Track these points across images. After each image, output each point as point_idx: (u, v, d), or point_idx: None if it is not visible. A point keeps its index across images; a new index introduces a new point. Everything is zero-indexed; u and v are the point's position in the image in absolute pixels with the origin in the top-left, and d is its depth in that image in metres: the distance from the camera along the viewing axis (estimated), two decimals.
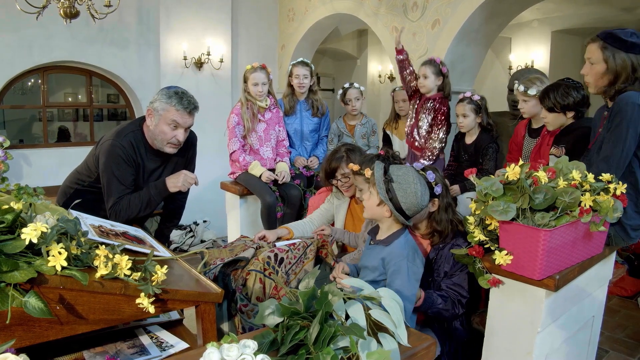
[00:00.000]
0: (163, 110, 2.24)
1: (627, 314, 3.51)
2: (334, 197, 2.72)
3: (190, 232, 5.40)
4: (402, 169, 1.81)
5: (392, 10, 4.40)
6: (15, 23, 4.37)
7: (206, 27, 5.38)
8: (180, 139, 2.31)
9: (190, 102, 2.28)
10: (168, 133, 2.27)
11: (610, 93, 1.96)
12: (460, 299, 1.98)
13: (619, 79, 1.92)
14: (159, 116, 2.25)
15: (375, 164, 1.85)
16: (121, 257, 1.29)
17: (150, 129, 2.30)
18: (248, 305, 2.02)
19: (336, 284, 1.49)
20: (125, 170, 2.27)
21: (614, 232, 1.94)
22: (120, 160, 2.25)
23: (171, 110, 2.23)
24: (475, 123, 3.04)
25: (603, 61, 1.93)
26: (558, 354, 1.88)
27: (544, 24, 6.55)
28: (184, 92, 2.28)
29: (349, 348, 1.02)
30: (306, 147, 3.69)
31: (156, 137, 2.30)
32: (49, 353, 1.47)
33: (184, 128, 2.30)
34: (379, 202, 1.80)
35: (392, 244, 1.80)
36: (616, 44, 1.91)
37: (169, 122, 2.25)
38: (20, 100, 5.93)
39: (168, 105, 2.23)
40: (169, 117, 2.24)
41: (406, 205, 1.76)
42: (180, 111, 2.24)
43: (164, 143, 2.30)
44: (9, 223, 1.16)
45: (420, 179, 1.82)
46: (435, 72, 3.18)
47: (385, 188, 1.77)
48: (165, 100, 2.24)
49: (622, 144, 1.86)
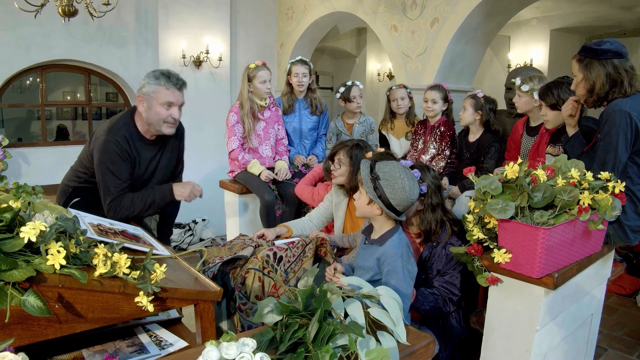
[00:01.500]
0: (154, 92, 2.26)
1: (626, 312, 3.52)
2: (333, 195, 2.72)
3: (189, 230, 5.40)
4: (388, 165, 1.79)
5: (391, 9, 4.40)
6: (13, 21, 4.36)
7: (205, 26, 5.38)
8: (176, 117, 2.33)
9: (178, 79, 2.31)
10: (163, 113, 2.29)
11: (596, 104, 2.04)
12: (451, 297, 1.99)
13: (595, 87, 1.99)
14: (151, 99, 2.27)
15: (362, 162, 1.84)
16: (120, 255, 1.29)
17: (144, 115, 2.31)
18: (247, 303, 2.02)
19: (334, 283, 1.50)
20: (121, 165, 2.28)
21: (613, 231, 1.94)
22: (115, 155, 2.26)
23: (162, 90, 2.26)
24: (473, 119, 3.06)
25: (580, 72, 2.02)
26: (556, 352, 1.88)
27: (542, 22, 6.55)
28: (169, 71, 2.32)
29: (347, 346, 1.02)
30: (305, 146, 3.68)
31: (152, 120, 2.31)
32: (47, 352, 1.47)
33: (177, 106, 2.32)
34: (369, 201, 1.79)
35: (386, 243, 1.80)
36: (589, 54, 1.99)
37: (162, 103, 2.27)
38: (18, 98, 5.92)
39: (157, 86, 2.25)
40: (161, 98, 2.26)
41: (395, 201, 1.75)
42: (171, 89, 2.27)
43: (161, 124, 2.31)
44: (7, 222, 1.16)
45: (407, 173, 1.80)
46: (443, 98, 3.28)
47: (372, 186, 1.76)
48: (154, 82, 2.26)
49: (614, 151, 1.91)
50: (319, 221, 2.73)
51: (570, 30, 6.64)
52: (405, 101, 3.55)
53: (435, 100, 3.27)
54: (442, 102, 3.28)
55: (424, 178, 2.02)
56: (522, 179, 1.62)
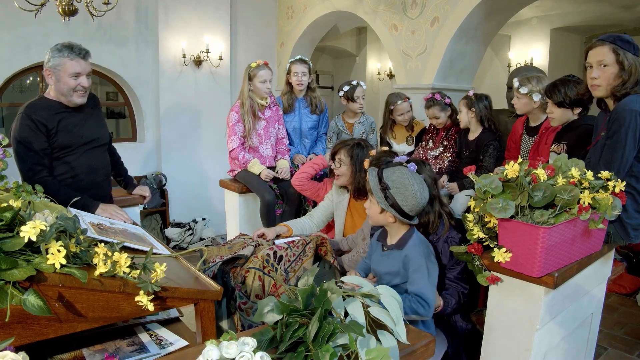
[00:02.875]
0: (59, 65, 2.29)
1: (626, 312, 3.52)
2: (333, 194, 2.72)
3: (189, 229, 5.40)
4: (396, 172, 1.81)
5: (391, 8, 4.40)
6: (13, 21, 4.35)
7: (205, 25, 5.38)
8: (85, 85, 2.36)
9: (81, 49, 2.34)
10: (72, 82, 2.32)
11: (622, 92, 1.98)
12: (463, 291, 2.02)
13: (630, 78, 1.95)
14: (58, 72, 2.30)
15: (369, 171, 1.86)
16: (120, 254, 1.29)
17: (54, 87, 2.34)
18: (247, 302, 2.02)
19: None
20: (33, 137, 2.28)
21: (614, 230, 1.94)
22: (25, 128, 2.28)
23: (66, 62, 2.28)
24: (469, 117, 3.07)
25: (617, 63, 1.96)
26: (557, 351, 1.88)
27: (543, 21, 6.54)
28: (70, 43, 2.34)
29: (347, 345, 1.02)
30: (305, 145, 3.68)
31: (62, 91, 2.34)
32: (48, 351, 1.48)
33: (84, 75, 2.35)
34: (381, 210, 1.82)
35: (407, 245, 1.83)
36: (626, 46, 1.95)
37: (70, 74, 2.30)
38: (18, 98, 5.91)
39: (61, 58, 2.28)
40: (67, 69, 2.29)
41: (408, 207, 1.78)
42: (75, 59, 2.29)
43: (71, 93, 2.34)
44: (7, 221, 1.16)
45: (416, 178, 1.82)
46: (442, 109, 3.30)
47: (383, 196, 1.79)
48: (57, 55, 2.29)
49: (621, 150, 1.89)
50: (319, 220, 2.73)
51: (571, 29, 6.64)
52: (410, 113, 3.58)
53: (437, 116, 3.32)
54: (444, 113, 3.31)
55: (420, 171, 2.03)
56: (522, 178, 1.62)
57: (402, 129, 3.64)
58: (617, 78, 1.97)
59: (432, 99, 3.31)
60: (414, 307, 1.71)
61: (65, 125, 2.35)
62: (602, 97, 2.07)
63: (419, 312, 1.72)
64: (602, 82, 2.01)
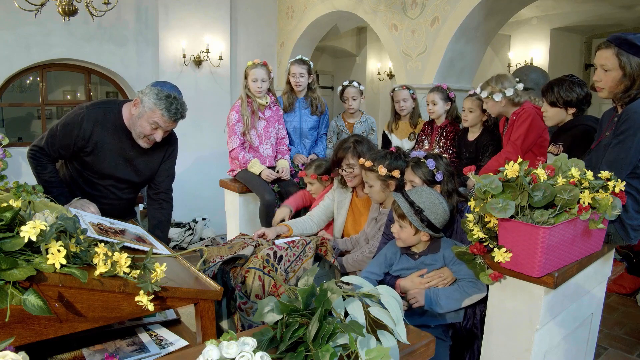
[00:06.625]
0: (149, 109, 2.19)
1: (626, 312, 3.52)
2: (335, 193, 2.72)
3: (189, 229, 5.39)
4: (423, 194, 1.92)
5: (391, 8, 4.40)
6: (13, 21, 4.36)
7: (205, 25, 5.38)
8: (157, 139, 2.27)
9: (178, 111, 2.22)
10: (147, 130, 2.23)
11: (625, 99, 1.95)
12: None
13: (635, 84, 1.91)
14: (144, 112, 2.20)
15: (395, 197, 1.94)
16: (120, 254, 1.29)
17: (133, 117, 2.25)
18: (247, 302, 2.02)
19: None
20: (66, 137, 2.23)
21: (614, 231, 1.94)
22: (68, 127, 2.23)
23: (157, 112, 2.18)
24: (479, 120, 3.07)
25: (620, 68, 1.91)
26: (557, 351, 1.88)
27: (543, 21, 6.54)
28: (175, 98, 2.21)
29: (348, 345, 1.02)
30: (305, 145, 3.69)
31: (135, 128, 2.25)
32: (48, 351, 1.48)
33: (163, 131, 2.27)
34: (415, 232, 1.92)
35: (442, 246, 1.97)
36: (632, 50, 1.89)
37: (151, 122, 2.21)
38: (19, 98, 5.92)
39: (155, 107, 2.18)
40: (152, 117, 2.19)
41: (440, 223, 1.93)
42: (165, 117, 2.20)
43: (140, 137, 2.26)
44: (7, 221, 1.16)
45: (438, 195, 1.95)
46: (443, 98, 3.31)
47: (418, 219, 1.89)
48: (154, 101, 2.18)
49: (627, 151, 1.87)
50: (319, 220, 2.73)
51: (571, 29, 6.64)
52: (408, 102, 3.56)
53: (435, 102, 3.30)
54: (442, 102, 3.30)
55: (438, 166, 2.13)
56: (522, 178, 1.62)
57: (406, 124, 3.65)
58: (619, 83, 1.94)
59: (438, 87, 3.33)
60: (473, 286, 1.88)
61: (101, 151, 2.28)
62: (606, 98, 2.06)
63: (478, 287, 1.87)
64: (605, 85, 1.99)
